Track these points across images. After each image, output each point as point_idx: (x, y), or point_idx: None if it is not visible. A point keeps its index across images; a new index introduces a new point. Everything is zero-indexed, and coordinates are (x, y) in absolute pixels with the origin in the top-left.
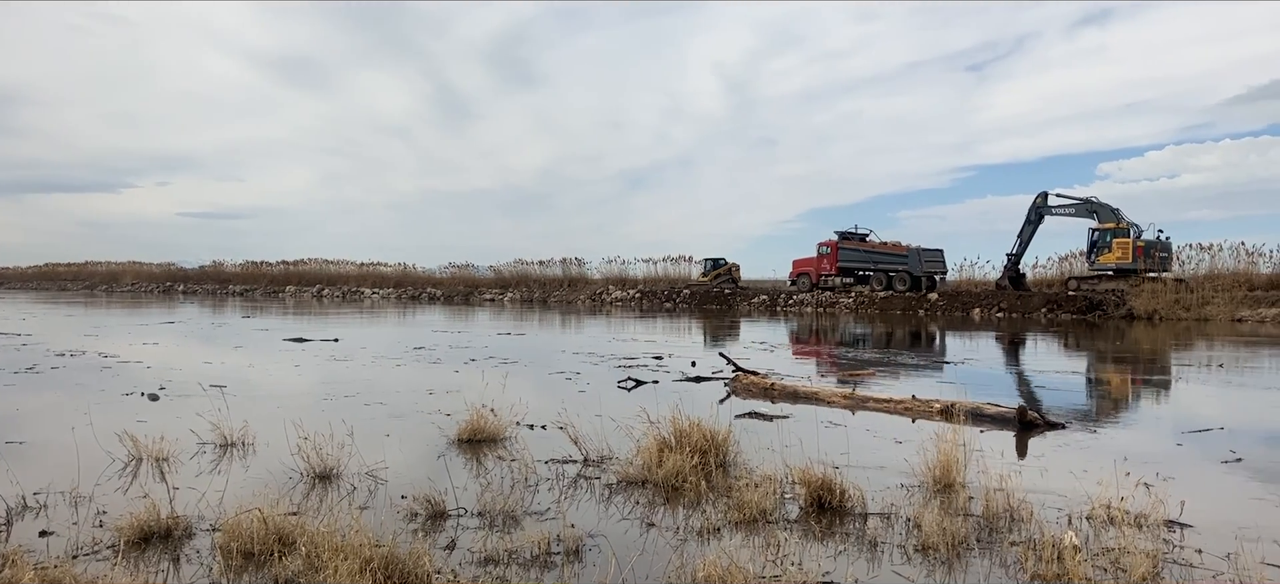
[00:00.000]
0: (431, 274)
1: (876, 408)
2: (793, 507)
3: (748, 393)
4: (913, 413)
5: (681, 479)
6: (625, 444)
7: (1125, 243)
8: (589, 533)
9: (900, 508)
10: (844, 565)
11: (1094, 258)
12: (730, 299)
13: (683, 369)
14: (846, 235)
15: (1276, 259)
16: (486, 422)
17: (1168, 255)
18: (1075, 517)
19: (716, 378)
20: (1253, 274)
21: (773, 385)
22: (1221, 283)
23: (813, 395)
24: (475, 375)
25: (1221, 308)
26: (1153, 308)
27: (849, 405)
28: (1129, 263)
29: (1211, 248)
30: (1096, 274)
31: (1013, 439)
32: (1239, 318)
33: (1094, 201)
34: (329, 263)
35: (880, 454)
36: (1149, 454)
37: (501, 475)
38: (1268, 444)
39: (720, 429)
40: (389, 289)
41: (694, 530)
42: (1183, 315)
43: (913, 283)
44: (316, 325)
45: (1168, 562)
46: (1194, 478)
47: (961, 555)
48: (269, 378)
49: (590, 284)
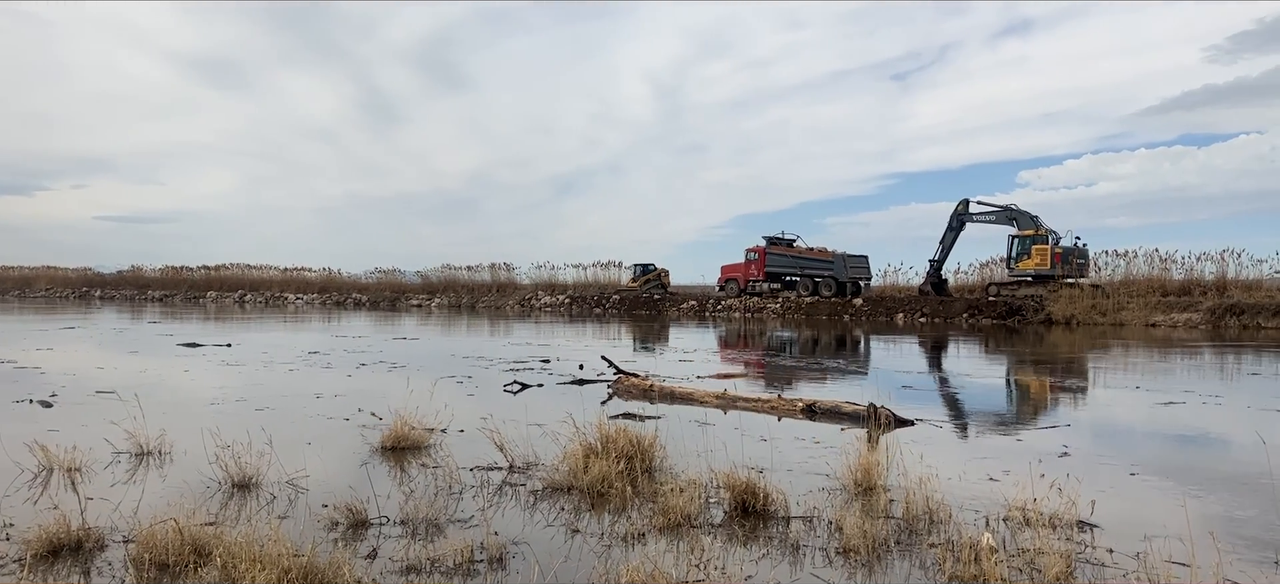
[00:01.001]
0: (357, 279)
1: (746, 407)
2: (717, 511)
3: (628, 394)
4: (779, 411)
5: (607, 485)
6: (552, 450)
7: (1044, 249)
8: (513, 540)
9: (823, 511)
10: (767, 569)
11: (1014, 264)
12: (660, 304)
13: (570, 371)
14: (774, 241)
15: (1189, 265)
16: (411, 429)
17: (1085, 261)
18: (992, 518)
19: (600, 380)
20: (1166, 280)
21: (651, 386)
22: (1136, 288)
23: (688, 396)
24: (366, 380)
25: (1136, 313)
26: (1070, 313)
27: (721, 405)
28: (1047, 269)
29: (1127, 254)
30: (1016, 280)
31: (924, 440)
32: (1153, 323)
33: (1014, 209)
34: (251, 268)
35: (804, 457)
36: (987, 449)
37: (425, 483)
38: (1095, 440)
39: (646, 434)
40: (314, 295)
41: (619, 536)
42: (1099, 320)
43: (838, 288)
44: (223, 331)
45: (1081, 561)
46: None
47: (882, 557)
48: (158, 383)
49: (519, 290)
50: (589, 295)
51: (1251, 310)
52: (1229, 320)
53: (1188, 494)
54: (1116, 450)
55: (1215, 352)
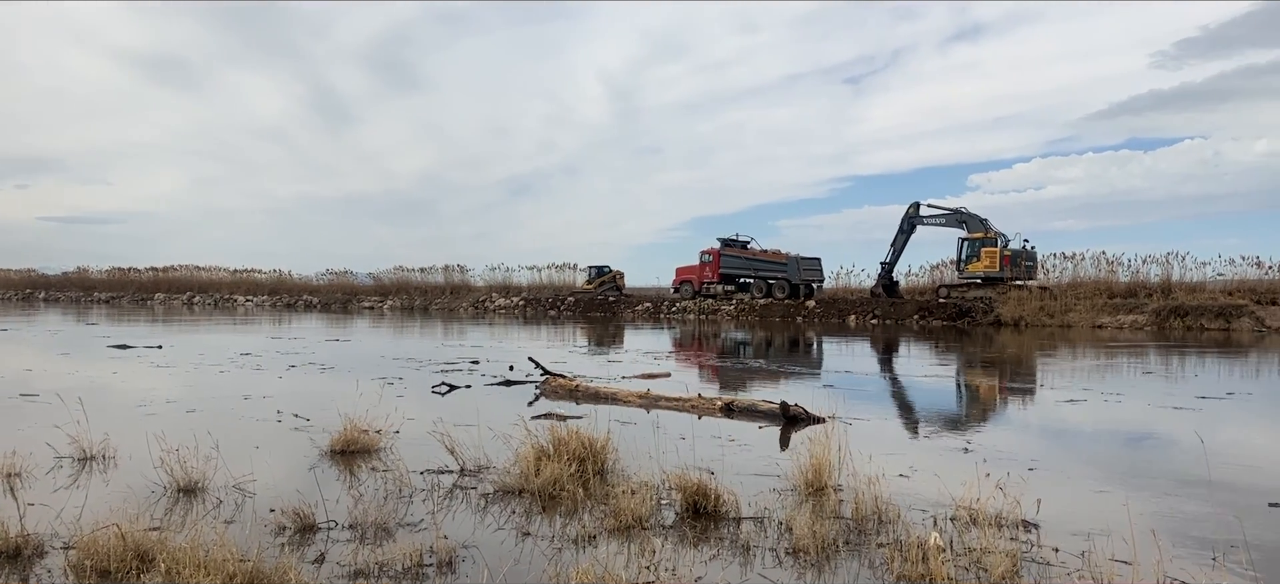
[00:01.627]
0: (309, 281)
1: (667, 406)
2: (669, 513)
3: (555, 395)
4: (699, 410)
5: (559, 487)
6: (503, 453)
7: (993, 252)
8: (464, 544)
9: (774, 511)
10: (717, 570)
11: (963, 266)
12: (614, 306)
13: (499, 373)
14: (729, 242)
15: (1135, 268)
16: (360, 433)
17: (1033, 264)
18: (940, 518)
19: (528, 381)
20: (1113, 282)
21: (577, 387)
22: (1084, 291)
23: (612, 396)
24: (296, 382)
25: (1083, 315)
26: (1019, 315)
27: (644, 405)
28: (996, 271)
29: (1075, 257)
30: (966, 282)
31: (881, 440)
32: (1099, 324)
33: (963, 212)
34: (200, 269)
35: (719, 453)
36: (933, 449)
37: (375, 487)
38: (1040, 439)
39: (599, 437)
40: (264, 296)
41: (570, 538)
42: (1047, 322)
43: (791, 290)
44: (158, 333)
45: (1026, 560)
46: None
47: (831, 557)
48: (85, 386)
49: (473, 292)
50: (544, 297)
51: (1195, 312)
52: (1173, 322)
53: (1130, 493)
54: (1062, 450)
55: (1160, 352)
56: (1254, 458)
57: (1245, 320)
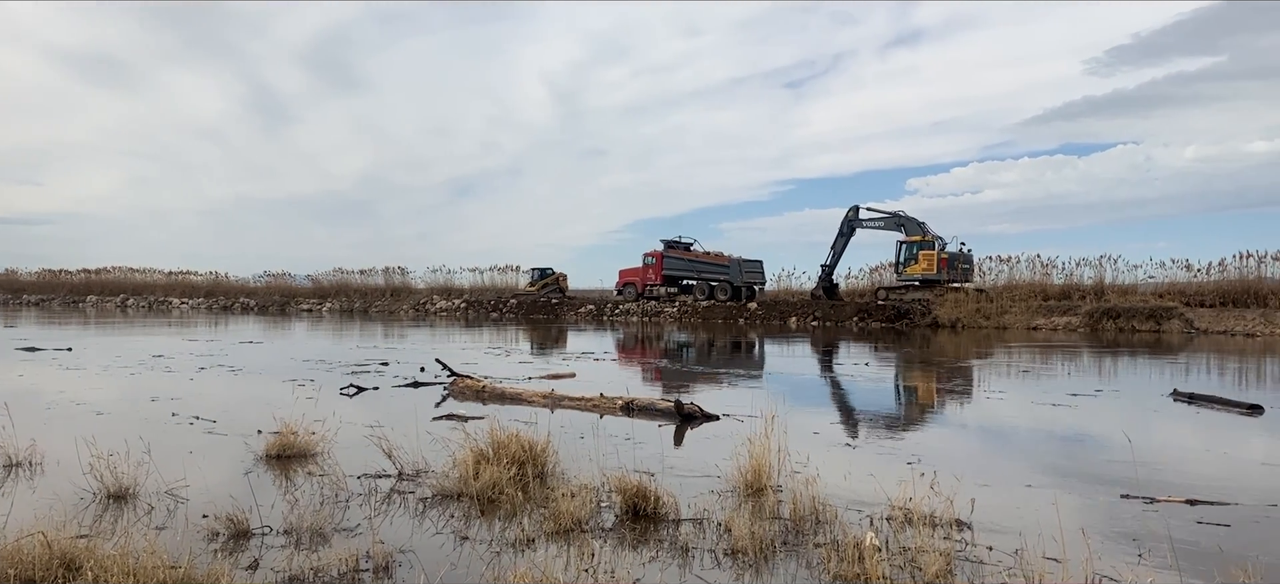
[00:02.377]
0: (246, 283)
1: (571, 405)
2: (609, 515)
3: (463, 395)
4: (600, 409)
5: (498, 491)
6: (442, 456)
7: (931, 255)
8: (401, 548)
9: (713, 513)
10: (655, 572)
11: (902, 269)
12: (557, 308)
13: (409, 375)
14: (672, 244)
15: (1068, 270)
16: (297, 437)
17: (970, 267)
18: (876, 518)
19: (436, 383)
20: (1047, 285)
21: (484, 388)
22: (1019, 293)
23: (517, 396)
24: (206, 384)
25: (1019, 316)
26: (956, 316)
27: (548, 405)
28: (934, 274)
29: (1010, 260)
30: (904, 284)
31: (820, 440)
32: (1034, 326)
33: (902, 215)
34: (134, 271)
35: (699, 458)
36: (872, 449)
37: (311, 492)
38: (976, 439)
39: (539, 440)
40: (200, 299)
41: (509, 542)
42: (983, 324)
43: (733, 292)
44: (73, 335)
45: (960, 559)
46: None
47: (769, 558)
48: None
49: (414, 294)
50: (486, 299)
51: (1127, 314)
52: (1106, 323)
53: (1061, 492)
54: (996, 449)
55: (1092, 353)
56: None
57: (1175, 322)
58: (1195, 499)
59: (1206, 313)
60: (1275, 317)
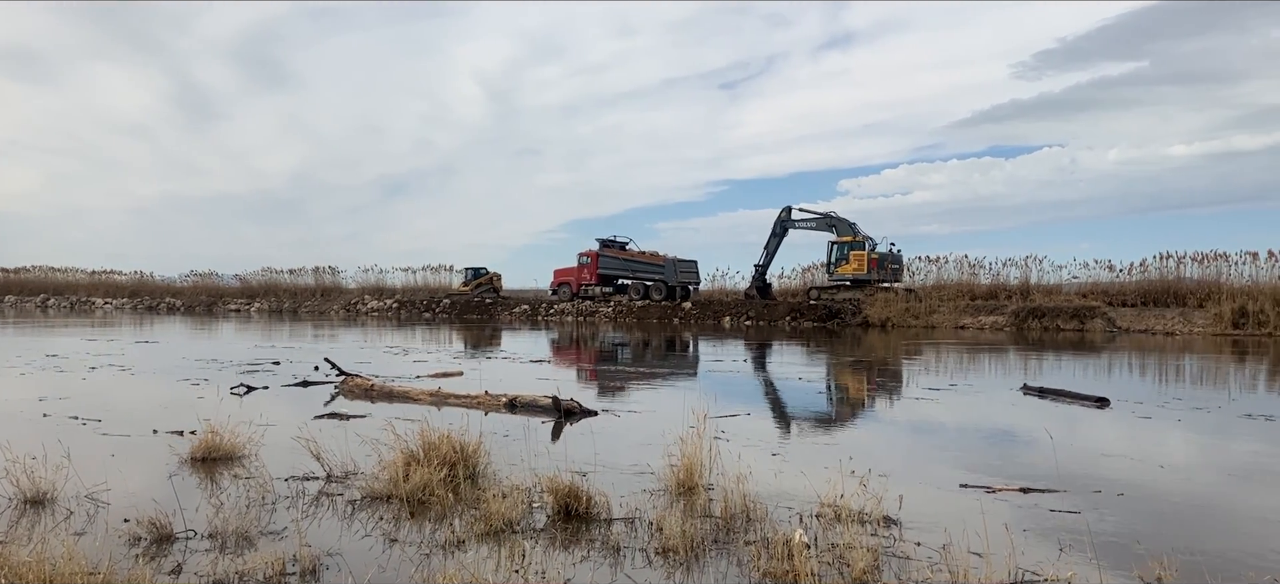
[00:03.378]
0: (171, 283)
1: (456, 403)
2: (541, 516)
3: (353, 394)
4: (485, 407)
5: (429, 493)
6: (372, 459)
7: (861, 255)
8: (328, 551)
9: (644, 512)
10: (586, 572)
11: (833, 269)
12: (491, 308)
13: (302, 374)
14: (607, 243)
15: (995, 271)
16: (223, 439)
17: (899, 267)
18: (805, 515)
19: (326, 382)
20: (974, 285)
21: (372, 386)
22: (947, 292)
23: (404, 394)
24: (99, 383)
25: (947, 316)
26: (885, 316)
27: (434, 402)
28: (864, 274)
29: (939, 260)
30: (835, 284)
31: (751, 438)
32: (962, 325)
33: (833, 216)
34: (56, 270)
35: (631, 457)
36: (763, 443)
37: (237, 495)
38: (906, 437)
39: (470, 441)
40: (124, 299)
41: (439, 544)
42: (912, 323)
43: (668, 292)
44: None
45: (887, 555)
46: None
47: (700, 556)
48: None
49: (345, 294)
50: (418, 299)
51: (1051, 313)
52: (1031, 323)
53: (986, 488)
54: (925, 446)
55: (1018, 352)
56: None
57: (1098, 321)
58: (1028, 488)
59: (1128, 312)
60: (1193, 316)
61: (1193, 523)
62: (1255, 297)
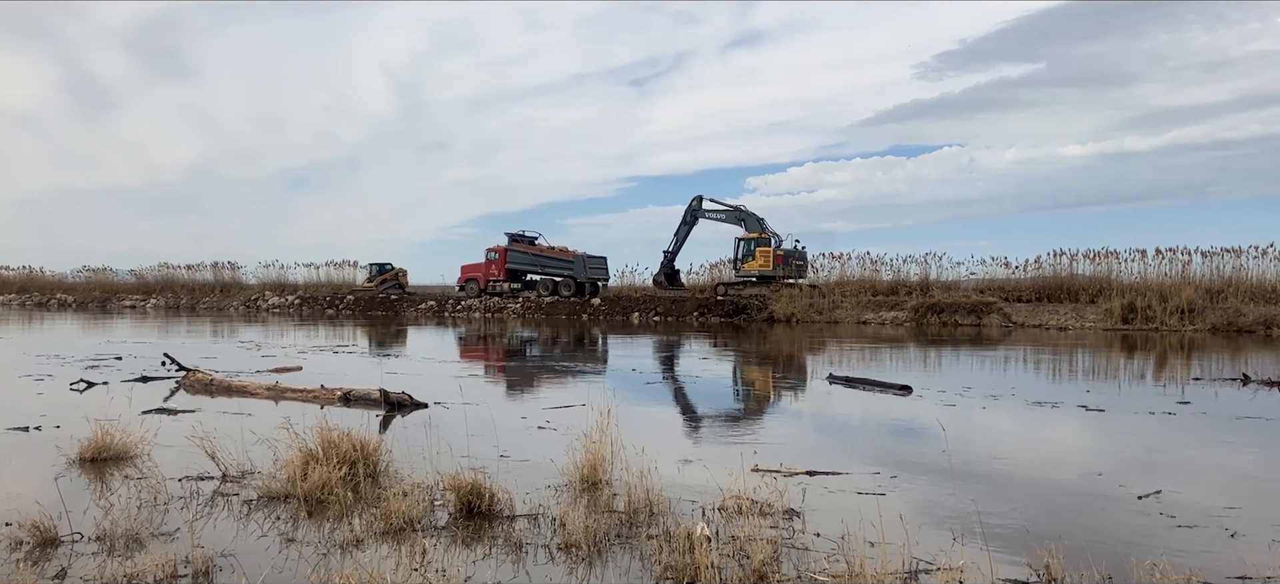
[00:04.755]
0: (63, 279)
1: (293, 397)
2: (443, 514)
3: (194, 389)
4: (321, 400)
5: (328, 491)
6: (270, 457)
7: (767, 251)
8: (222, 552)
9: (548, 508)
10: (488, 569)
11: (740, 265)
12: (397, 305)
13: (144, 370)
14: (516, 238)
15: (896, 267)
16: (114, 439)
17: (804, 263)
18: (709, 508)
19: (168, 377)
20: (876, 281)
21: (212, 381)
22: (850, 289)
23: (242, 388)
24: None
25: (849, 311)
26: (790, 311)
27: (272, 397)
28: (770, 270)
29: (842, 257)
30: (742, 280)
31: (657, 432)
32: (864, 320)
33: (743, 210)
34: None
35: (537, 453)
36: (668, 437)
37: (128, 496)
38: (809, 429)
39: (371, 439)
40: (11, 295)
41: (337, 544)
42: (816, 318)
43: (578, 288)
44: None
45: (787, 547)
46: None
47: (602, 552)
48: None
49: (245, 290)
50: (321, 296)
51: (949, 309)
52: (930, 318)
53: (884, 478)
54: (828, 438)
55: (917, 346)
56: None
57: (994, 317)
58: (815, 471)
59: (1023, 308)
60: (1086, 311)
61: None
62: (1143, 292)
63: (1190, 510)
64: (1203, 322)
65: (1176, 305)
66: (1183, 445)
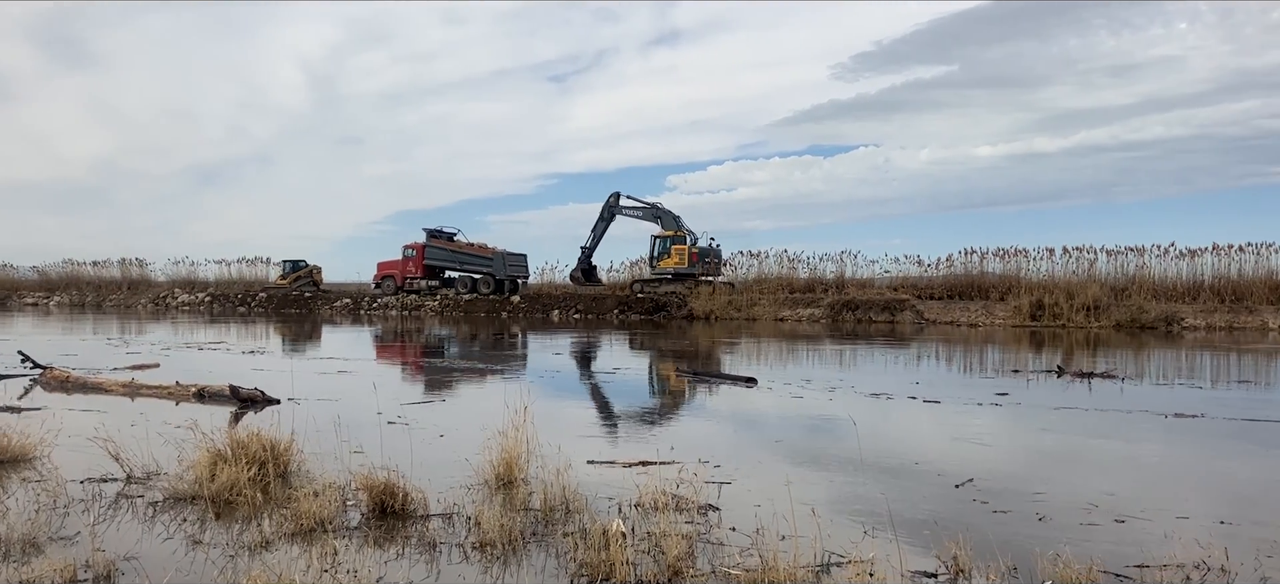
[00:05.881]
0: None
1: (149, 393)
2: (355, 514)
3: (50, 386)
4: (175, 397)
5: (236, 492)
6: (177, 458)
7: (683, 249)
8: (126, 555)
9: (463, 507)
10: (401, 569)
11: (656, 262)
12: (311, 303)
13: (5, 365)
14: (435, 234)
15: (813, 265)
16: (11, 440)
17: (718, 261)
18: (626, 505)
19: (22, 374)
20: (793, 278)
21: (69, 377)
22: (768, 286)
23: (98, 385)
24: None
25: (767, 308)
26: (710, 308)
27: (128, 393)
28: (686, 267)
29: (760, 255)
30: (657, 277)
31: (575, 429)
32: (781, 317)
33: (660, 208)
34: None
35: (453, 452)
36: (586, 433)
37: (25, 499)
38: (725, 426)
39: (282, 438)
40: None
41: (245, 545)
42: (735, 315)
43: (497, 286)
44: None
45: (702, 542)
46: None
47: (517, 550)
48: None
49: (154, 287)
50: (233, 293)
51: (864, 306)
52: (846, 315)
53: (795, 472)
54: (746, 435)
55: (833, 342)
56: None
57: (907, 314)
58: (647, 461)
59: (935, 305)
60: (995, 308)
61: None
62: (1051, 290)
63: (1003, 495)
64: (1108, 318)
65: (1082, 303)
66: (995, 435)
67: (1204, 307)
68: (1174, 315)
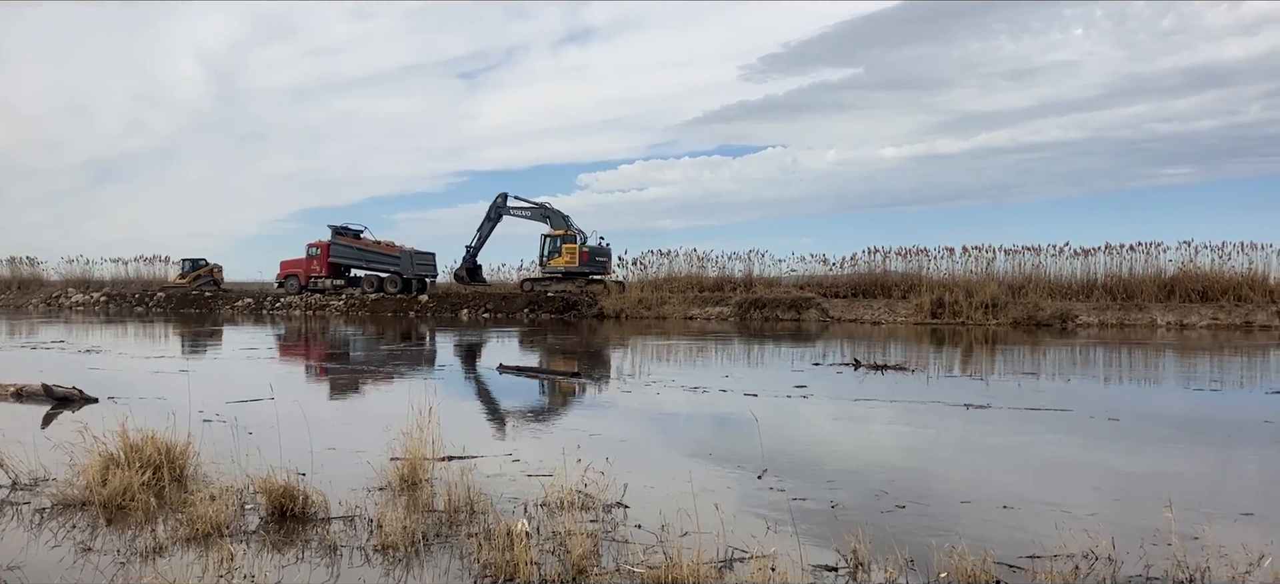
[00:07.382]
0: None
1: None
2: (254, 518)
3: None
4: None
5: (129, 497)
6: (67, 463)
7: (573, 248)
8: (9, 565)
9: (365, 509)
10: (300, 573)
11: (546, 261)
12: (211, 302)
13: None
14: (341, 231)
15: (722, 264)
16: None
17: (607, 259)
18: (531, 504)
19: None
20: (702, 277)
21: None
22: (677, 285)
23: None
24: None
25: (677, 307)
26: (620, 308)
27: None
28: (576, 267)
29: (670, 254)
30: (548, 276)
31: (478, 430)
32: (690, 316)
33: (548, 207)
34: None
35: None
36: (490, 434)
37: None
38: (632, 424)
39: (178, 442)
40: None
41: (138, 551)
42: (645, 314)
43: (404, 285)
44: None
45: (607, 539)
46: None
47: (420, 551)
48: None
49: (46, 286)
50: (130, 292)
51: (771, 304)
52: (753, 313)
53: (699, 469)
54: (650, 433)
55: (742, 341)
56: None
57: (813, 311)
58: (452, 455)
59: (840, 303)
60: (898, 306)
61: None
62: (951, 288)
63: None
64: (1005, 316)
65: (981, 300)
66: (798, 425)
67: (1097, 304)
68: (1068, 313)
